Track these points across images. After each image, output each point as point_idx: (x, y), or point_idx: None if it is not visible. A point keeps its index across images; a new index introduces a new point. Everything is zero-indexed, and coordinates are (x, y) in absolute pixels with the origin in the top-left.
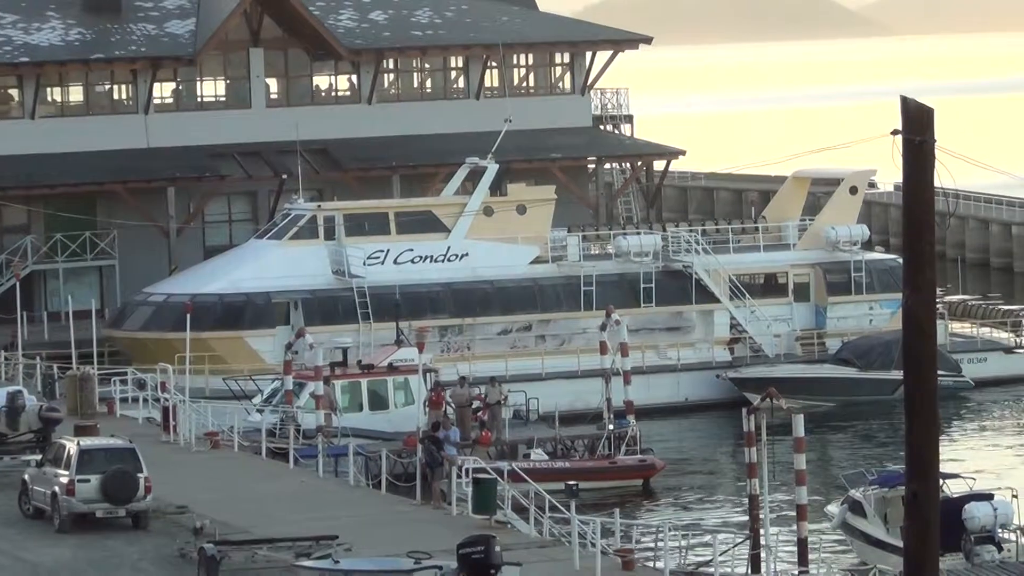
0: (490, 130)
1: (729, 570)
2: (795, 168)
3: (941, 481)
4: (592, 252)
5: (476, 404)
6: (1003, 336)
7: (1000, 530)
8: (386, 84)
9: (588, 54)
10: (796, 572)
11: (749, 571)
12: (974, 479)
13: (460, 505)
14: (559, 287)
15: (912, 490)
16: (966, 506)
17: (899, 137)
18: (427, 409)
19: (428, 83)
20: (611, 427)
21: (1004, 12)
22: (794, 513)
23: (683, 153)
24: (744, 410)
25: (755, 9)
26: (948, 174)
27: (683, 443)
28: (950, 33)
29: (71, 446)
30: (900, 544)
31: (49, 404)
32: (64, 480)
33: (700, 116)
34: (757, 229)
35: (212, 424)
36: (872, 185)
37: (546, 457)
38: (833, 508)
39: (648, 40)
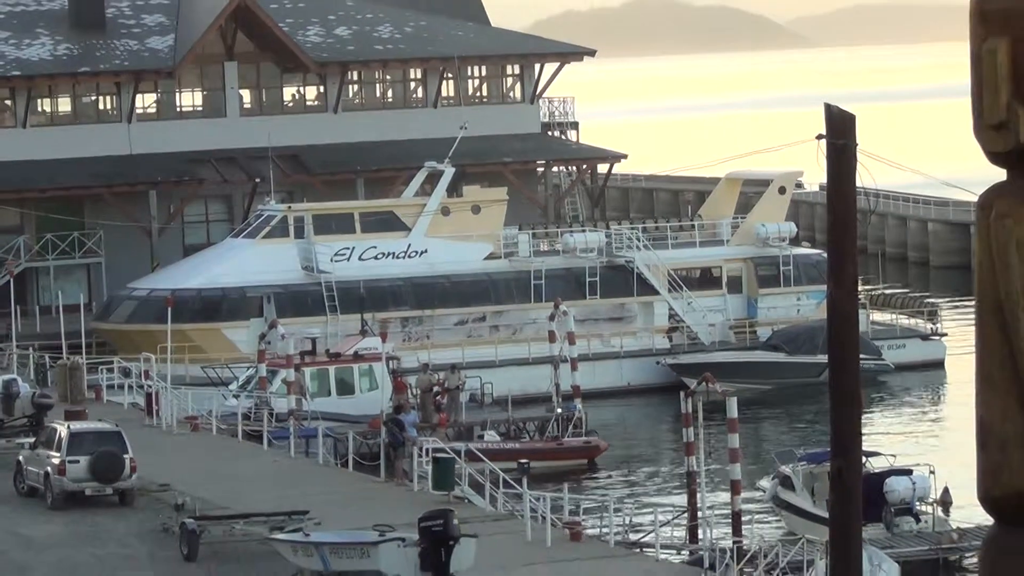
0: (447, 136)
1: (669, 540)
2: (728, 170)
3: (863, 458)
4: (541, 248)
5: (436, 389)
6: (920, 324)
7: (918, 503)
8: (350, 94)
9: (537, 66)
10: (731, 542)
11: (687, 541)
12: (894, 456)
13: (421, 482)
14: (511, 281)
15: (837, 466)
16: (887, 481)
17: (823, 141)
18: (393, 394)
19: (389, 93)
20: (559, 410)
21: (921, 25)
22: (728, 488)
23: (625, 157)
24: (682, 393)
25: (693, 24)
26: (869, 175)
27: (626, 424)
28: (870, 45)
29: (62, 430)
30: (826, 516)
31: (41, 391)
32: (56, 461)
33: (641, 122)
34: (693, 227)
35: (192, 409)
36: (799, 185)
37: (498, 438)
38: (765, 483)
39: (592, 53)
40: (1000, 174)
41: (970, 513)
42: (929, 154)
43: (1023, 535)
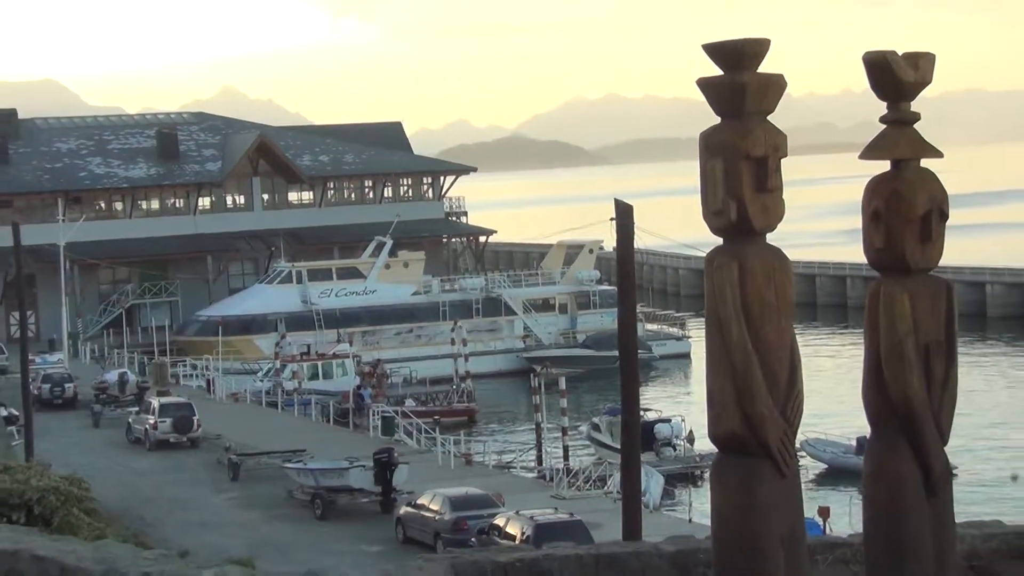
0: (387, 221)
1: (526, 464)
2: (558, 239)
3: (641, 412)
4: (446, 289)
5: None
6: (675, 330)
7: (675, 439)
8: (329, 196)
9: (442, 178)
10: (562, 464)
11: (537, 464)
12: (660, 411)
13: (373, 431)
14: (427, 308)
15: (625, 418)
16: (656, 426)
17: (614, 222)
18: (358, 377)
19: (352, 195)
20: (454, 387)
21: (676, 150)
22: (559, 432)
23: (496, 232)
24: (532, 375)
25: (535, 152)
26: (643, 241)
27: (498, 395)
28: (646, 163)
29: (155, 402)
30: (619, 448)
31: (142, 379)
32: (151, 421)
33: (505, 212)
34: (538, 274)
35: (235, 388)
36: (601, 248)
37: (414, 403)
38: (583, 428)
39: (475, 169)
40: (719, 241)
41: (705, 445)
42: (680, 227)
43: (734, 459)
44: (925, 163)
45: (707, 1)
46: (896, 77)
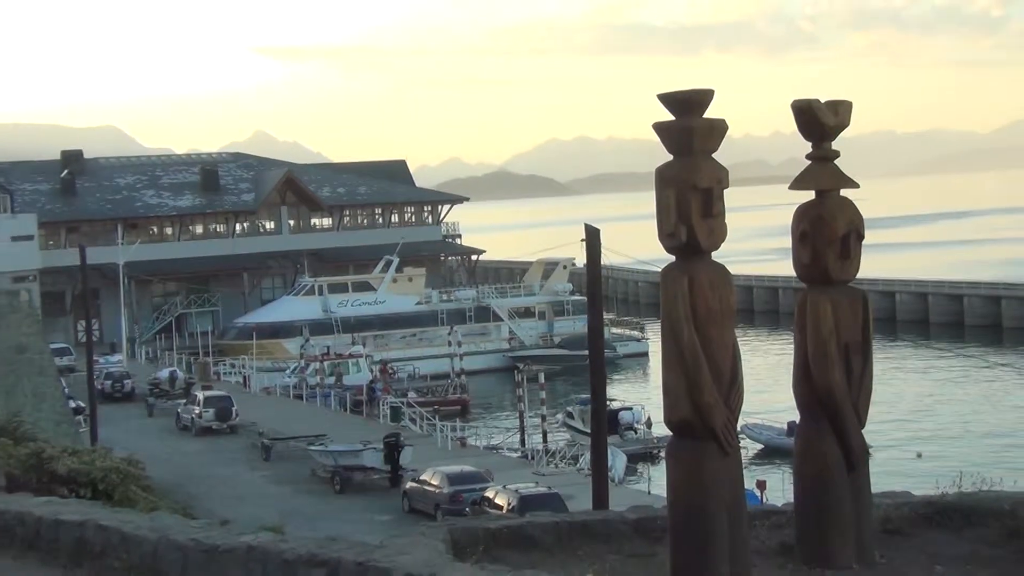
0: (394, 243)
1: (511, 446)
2: (537, 257)
3: (608, 402)
4: (444, 299)
5: (388, 370)
6: (636, 333)
7: (636, 424)
8: (345, 222)
9: (440, 206)
10: (541, 446)
11: (520, 445)
12: (624, 400)
13: (383, 419)
14: (428, 315)
15: (594, 407)
16: (619, 413)
17: (584, 242)
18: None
19: (365, 221)
20: (449, 381)
21: (632, 183)
22: (539, 418)
23: (485, 251)
24: (516, 371)
25: (516, 185)
26: (608, 259)
27: (488, 388)
28: (610, 192)
29: (200, 394)
30: (589, 431)
31: (189, 376)
32: (197, 411)
33: (492, 234)
34: (520, 286)
35: (267, 383)
36: (574, 264)
37: (416, 396)
38: (559, 415)
39: (468, 199)
40: (672, 258)
41: (661, 429)
42: (639, 247)
43: (685, 440)
44: (844, 193)
45: (661, 58)
46: (819, 121)
